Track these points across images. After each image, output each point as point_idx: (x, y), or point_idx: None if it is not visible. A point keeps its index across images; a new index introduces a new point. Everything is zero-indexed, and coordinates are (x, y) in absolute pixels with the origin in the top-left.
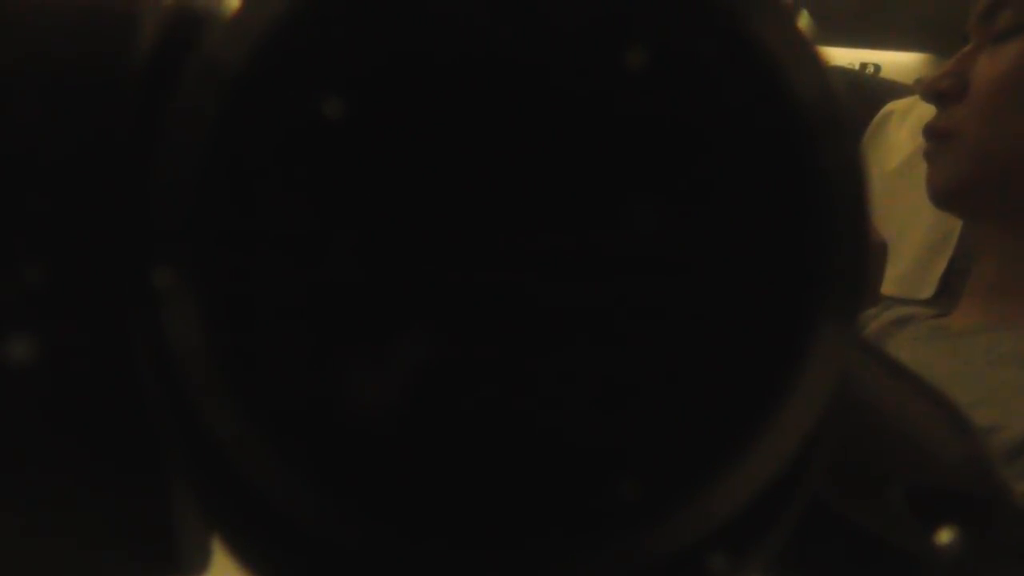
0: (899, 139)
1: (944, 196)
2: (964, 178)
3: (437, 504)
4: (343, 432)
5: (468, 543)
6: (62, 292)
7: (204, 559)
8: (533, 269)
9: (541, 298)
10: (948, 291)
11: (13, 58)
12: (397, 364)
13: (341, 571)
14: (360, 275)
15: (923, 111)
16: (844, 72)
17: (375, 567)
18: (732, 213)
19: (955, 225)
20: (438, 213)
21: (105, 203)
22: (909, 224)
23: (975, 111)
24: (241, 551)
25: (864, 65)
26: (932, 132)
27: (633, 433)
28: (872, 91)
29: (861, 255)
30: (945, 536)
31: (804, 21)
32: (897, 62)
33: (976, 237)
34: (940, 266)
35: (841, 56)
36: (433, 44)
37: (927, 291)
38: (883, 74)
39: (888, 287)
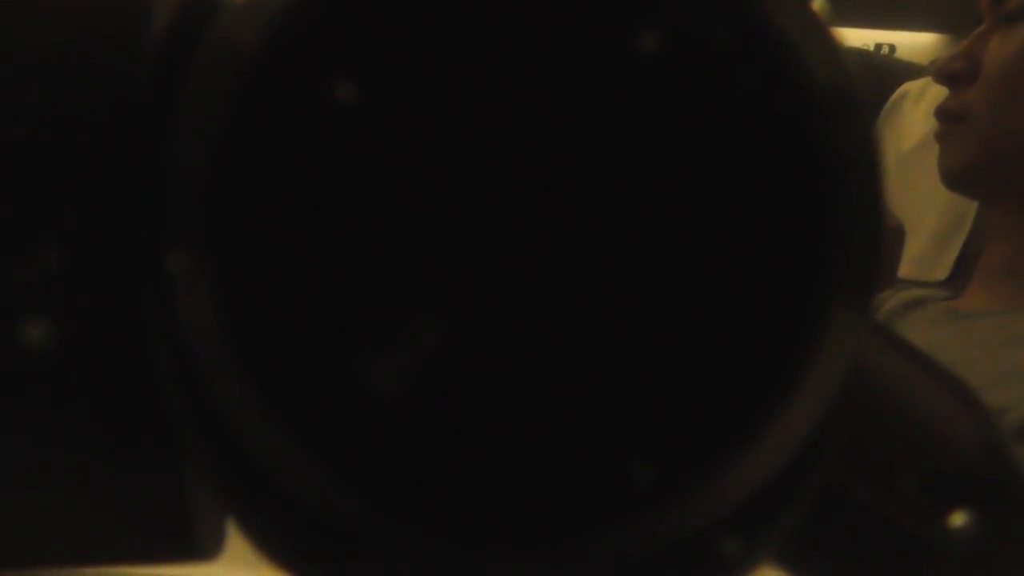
0: (914, 120)
1: (955, 178)
2: (975, 160)
3: (450, 485)
4: (356, 412)
5: (481, 525)
6: (77, 275)
7: (218, 541)
8: (549, 251)
9: (557, 279)
10: (963, 273)
11: (28, 44)
12: (411, 343)
13: (354, 551)
14: (373, 256)
15: (938, 92)
16: (858, 53)
17: (388, 547)
18: (745, 195)
19: (970, 206)
20: (451, 194)
21: (119, 187)
22: (924, 205)
23: (986, 93)
24: (255, 533)
25: (879, 46)
26: (944, 114)
27: (646, 418)
28: (887, 72)
29: (875, 236)
30: (959, 519)
31: (818, 1)
32: (912, 42)
33: (988, 219)
34: (955, 248)
35: (856, 36)
36: (445, 28)
37: (942, 273)
38: (898, 55)
39: (903, 268)
